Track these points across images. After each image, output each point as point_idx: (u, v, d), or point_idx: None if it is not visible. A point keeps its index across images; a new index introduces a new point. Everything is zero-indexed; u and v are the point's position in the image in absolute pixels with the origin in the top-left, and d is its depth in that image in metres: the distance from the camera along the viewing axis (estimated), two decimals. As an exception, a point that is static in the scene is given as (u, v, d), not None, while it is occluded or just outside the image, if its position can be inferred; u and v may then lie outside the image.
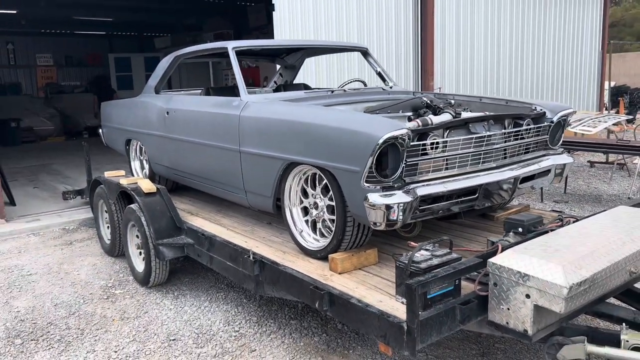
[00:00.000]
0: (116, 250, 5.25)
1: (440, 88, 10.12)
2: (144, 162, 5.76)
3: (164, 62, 5.18)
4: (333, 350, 3.54)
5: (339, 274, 3.11)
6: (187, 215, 4.63)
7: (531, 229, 3.03)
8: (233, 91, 5.03)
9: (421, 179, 3.03)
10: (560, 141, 3.88)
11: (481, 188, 3.20)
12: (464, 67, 10.94)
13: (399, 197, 2.83)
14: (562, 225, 3.10)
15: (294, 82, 6.10)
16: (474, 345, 3.54)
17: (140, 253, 4.75)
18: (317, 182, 3.35)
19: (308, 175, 3.43)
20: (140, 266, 4.70)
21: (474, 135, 3.20)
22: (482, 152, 3.27)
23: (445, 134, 3.15)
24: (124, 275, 4.95)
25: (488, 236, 3.75)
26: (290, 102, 3.68)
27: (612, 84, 18.48)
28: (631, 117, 12.44)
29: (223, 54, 5.37)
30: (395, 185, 2.89)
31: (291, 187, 3.54)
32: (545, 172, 3.68)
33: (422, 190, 2.92)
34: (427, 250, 2.76)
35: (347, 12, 8.97)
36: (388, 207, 2.80)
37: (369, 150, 2.77)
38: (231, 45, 4.23)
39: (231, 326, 3.91)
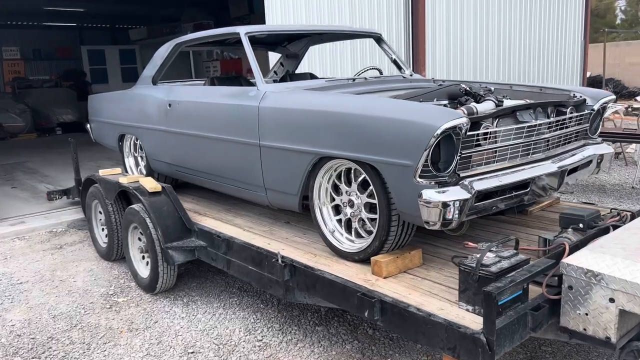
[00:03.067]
0: (114, 254, 4.87)
1: (433, 79, 9.94)
2: (139, 158, 5.39)
3: (163, 51, 4.80)
4: (369, 358, 3.28)
5: (384, 278, 2.84)
6: (195, 215, 4.29)
7: (592, 225, 2.82)
8: (239, 81, 4.71)
9: (473, 172, 2.77)
10: (599, 130, 3.68)
11: (533, 181, 2.96)
12: (454, 56, 10.79)
13: (457, 193, 2.57)
14: (621, 221, 2.90)
15: (296, 71, 5.79)
16: (520, 348, 3.33)
17: (143, 257, 4.39)
18: (353, 177, 3.07)
19: (341, 171, 3.14)
20: (144, 272, 4.35)
21: (526, 124, 2.96)
22: (532, 142, 3.04)
23: (494, 123, 2.90)
24: (124, 281, 4.58)
25: (527, 231, 3.55)
26: (318, 92, 3.38)
27: (588, 74, 18.65)
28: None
29: (224, 41, 5.07)
30: (451, 181, 2.63)
31: (321, 184, 3.24)
32: (587, 163, 3.48)
33: (479, 185, 2.67)
34: (491, 251, 2.51)
35: (338, -2, 8.68)
36: (445, 205, 2.53)
37: (425, 141, 2.50)
38: (244, 31, 3.89)
39: (253, 335, 3.61)
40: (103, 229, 5.10)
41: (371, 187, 2.93)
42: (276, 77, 5.80)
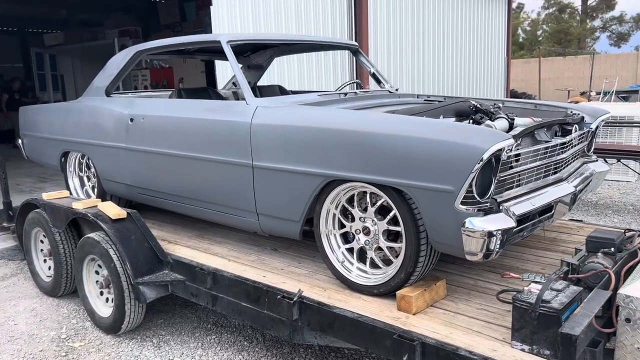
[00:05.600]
0: (61, 289, 4.24)
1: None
2: (86, 179, 4.78)
3: (120, 58, 4.28)
4: (382, 400, 2.99)
5: (413, 314, 2.57)
6: (164, 244, 3.78)
7: (622, 248, 2.71)
8: (207, 93, 4.30)
9: (506, 197, 2.58)
10: (592, 147, 3.66)
11: (557, 203, 2.83)
12: (395, 71, 10.93)
13: (502, 221, 2.36)
14: (645, 242, 2.83)
15: (258, 84, 5.43)
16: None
17: (101, 293, 3.84)
18: (369, 202, 2.78)
19: (353, 195, 2.85)
20: (104, 310, 3.79)
21: (550, 144, 2.83)
22: (553, 162, 2.91)
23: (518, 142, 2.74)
24: (77, 322, 3.99)
25: (532, 252, 3.43)
26: (322, 107, 3.07)
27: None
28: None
29: (185, 50, 4.63)
30: (493, 207, 2.41)
31: (329, 210, 2.93)
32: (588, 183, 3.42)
33: (518, 210, 2.48)
34: (537, 282, 2.32)
35: (285, 8, 8.44)
36: (490, 235, 2.31)
37: (471, 165, 2.27)
38: (225, 39, 3.51)
39: (245, 380, 3.21)
40: (45, 261, 4.45)
41: (393, 213, 2.66)
42: (236, 89, 5.41)
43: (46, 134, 4.84)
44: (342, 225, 2.95)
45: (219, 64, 7.28)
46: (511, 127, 2.93)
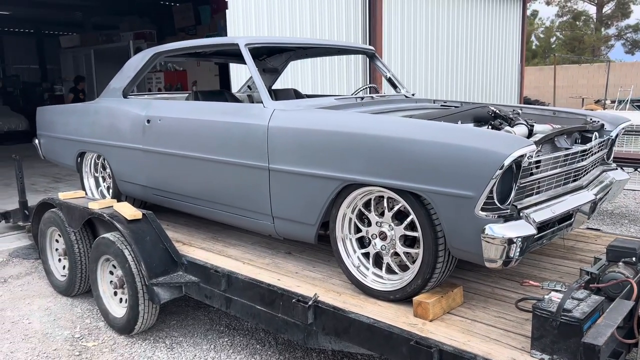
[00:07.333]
0: (75, 288, 4.26)
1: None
2: (101, 179, 4.81)
3: (137, 60, 4.30)
4: (396, 407, 2.96)
5: (430, 321, 2.55)
6: (178, 245, 3.79)
7: (643, 258, 2.67)
8: (224, 95, 4.32)
9: (527, 204, 2.55)
10: (612, 156, 3.61)
11: (577, 211, 2.79)
12: (408, 74, 10.91)
13: (523, 228, 2.33)
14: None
15: (272, 87, 5.44)
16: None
17: (115, 293, 3.85)
18: (385, 206, 2.76)
19: (369, 199, 2.83)
20: (117, 310, 3.80)
21: (570, 151, 2.80)
22: (573, 170, 2.88)
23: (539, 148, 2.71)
24: (91, 321, 4.00)
25: (552, 262, 3.39)
26: (339, 111, 3.06)
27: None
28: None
29: (202, 53, 4.65)
30: (513, 214, 2.39)
31: (345, 214, 2.92)
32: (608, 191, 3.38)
33: (538, 217, 2.45)
34: (558, 291, 2.29)
35: (300, 11, 8.47)
36: (510, 242, 2.29)
37: (492, 171, 2.25)
38: (244, 42, 3.51)
39: (258, 383, 3.20)
40: (60, 260, 4.47)
41: (410, 218, 2.64)
42: (250, 93, 5.43)
43: (63, 135, 4.88)
44: (358, 230, 2.93)
45: (233, 67, 7.31)
46: (530, 133, 2.91)
